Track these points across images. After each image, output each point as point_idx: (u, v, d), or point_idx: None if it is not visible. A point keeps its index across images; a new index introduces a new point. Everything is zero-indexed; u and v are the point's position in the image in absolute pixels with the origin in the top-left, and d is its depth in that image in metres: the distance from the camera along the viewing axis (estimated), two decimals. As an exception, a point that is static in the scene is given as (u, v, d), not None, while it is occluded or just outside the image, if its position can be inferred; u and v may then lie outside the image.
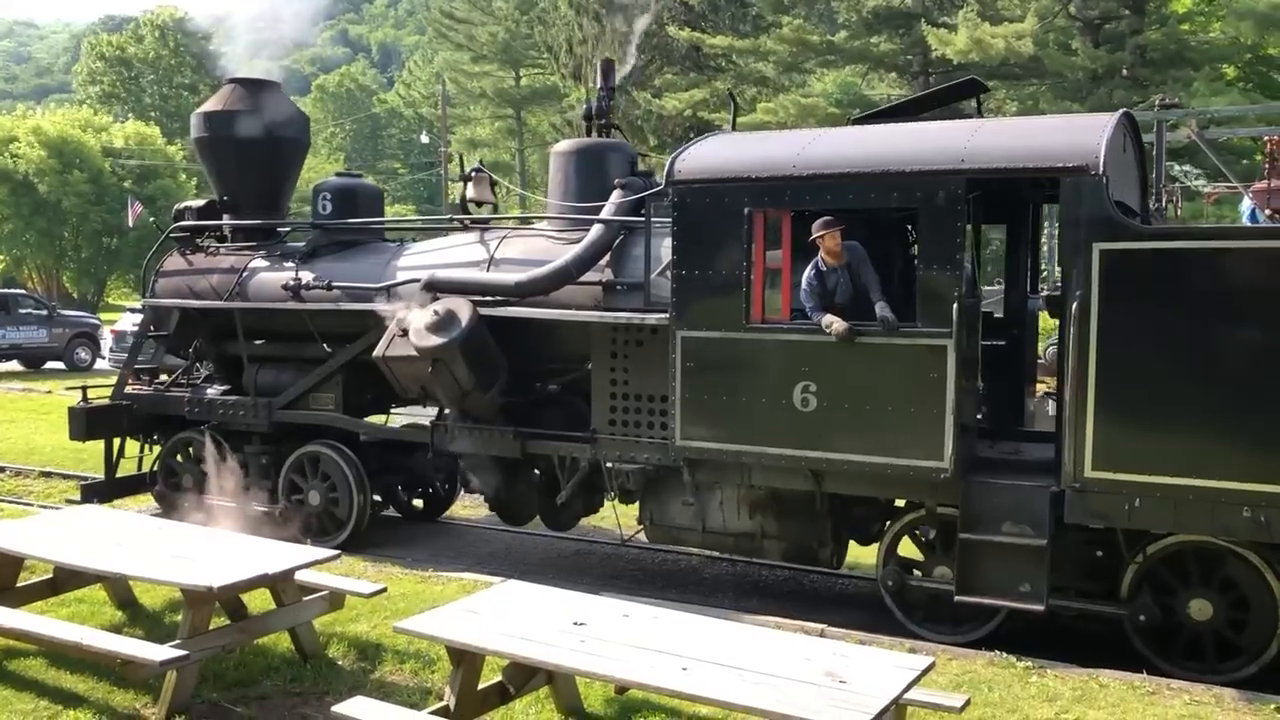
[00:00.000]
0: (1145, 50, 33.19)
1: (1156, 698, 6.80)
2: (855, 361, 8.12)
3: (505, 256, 10.11)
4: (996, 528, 7.79)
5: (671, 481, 9.33)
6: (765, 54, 39.40)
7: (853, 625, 8.42)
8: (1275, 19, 30.94)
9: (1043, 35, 34.02)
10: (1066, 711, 6.47)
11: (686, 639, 5.48)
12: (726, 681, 4.90)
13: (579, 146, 10.20)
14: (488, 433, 9.94)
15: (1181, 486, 7.25)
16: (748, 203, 8.40)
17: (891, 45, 39.37)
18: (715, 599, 9.55)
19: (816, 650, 5.45)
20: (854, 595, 9.96)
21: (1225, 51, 34.31)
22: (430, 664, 7.18)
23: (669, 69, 44.84)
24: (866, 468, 8.16)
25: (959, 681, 6.93)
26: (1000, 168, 7.83)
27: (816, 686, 4.80)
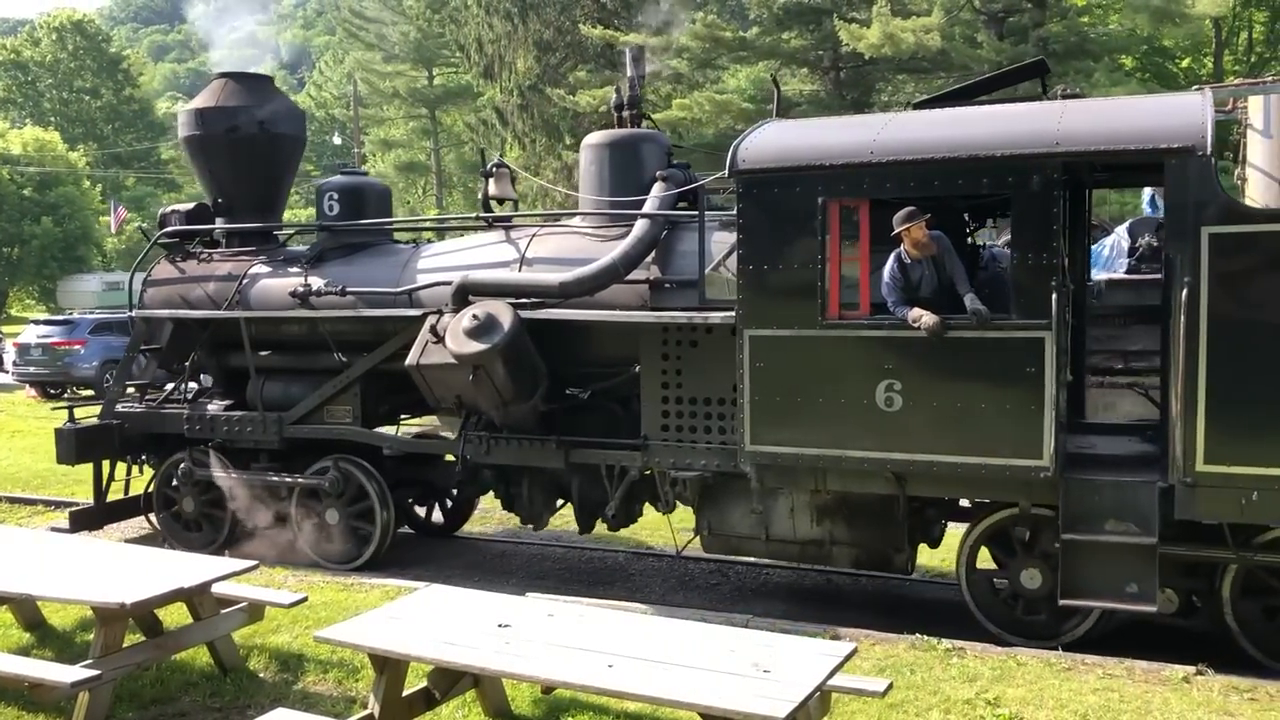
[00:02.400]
0: (1048, 42, 33.16)
1: (1072, 673, 6.78)
2: (945, 357, 7.48)
3: (538, 256, 9.28)
4: (1100, 526, 7.24)
5: (731, 489, 8.64)
6: (679, 50, 38.78)
7: (776, 615, 8.20)
8: (1169, 12, 31.20)
9: (949, 29, 33.94)
10: (986, 691, 6.42)
11: (612, 636, 5.38)
12: (652, 677, 4.83)
13: (613, 138, 9.39)
14: (527, 443, 9.11)
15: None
16: (821, 192, 7.71)
17: (803, 41, 38.99)
18: (642, 595, 9.19)
19: (741, 641, 5.38)
20: (778, 586, 9.77)
21: (1123, 43, 34.52)
22: (354, 672, 6.90)
23: (583, 66, 43.99)
24: (958, 469, 7.53)
25: (882, 666, 6.83)
26: (1099, 150, 7.25)
27: (742, 677, 4.76)
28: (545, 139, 43.08)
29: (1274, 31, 33.31)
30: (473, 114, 53.94)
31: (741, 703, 4.52)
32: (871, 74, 38.22)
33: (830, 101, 37.02)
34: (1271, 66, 32.72)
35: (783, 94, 41.47)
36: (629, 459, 8.83)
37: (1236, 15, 33.32)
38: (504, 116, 45.01)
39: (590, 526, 9.56)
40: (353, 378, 9.83)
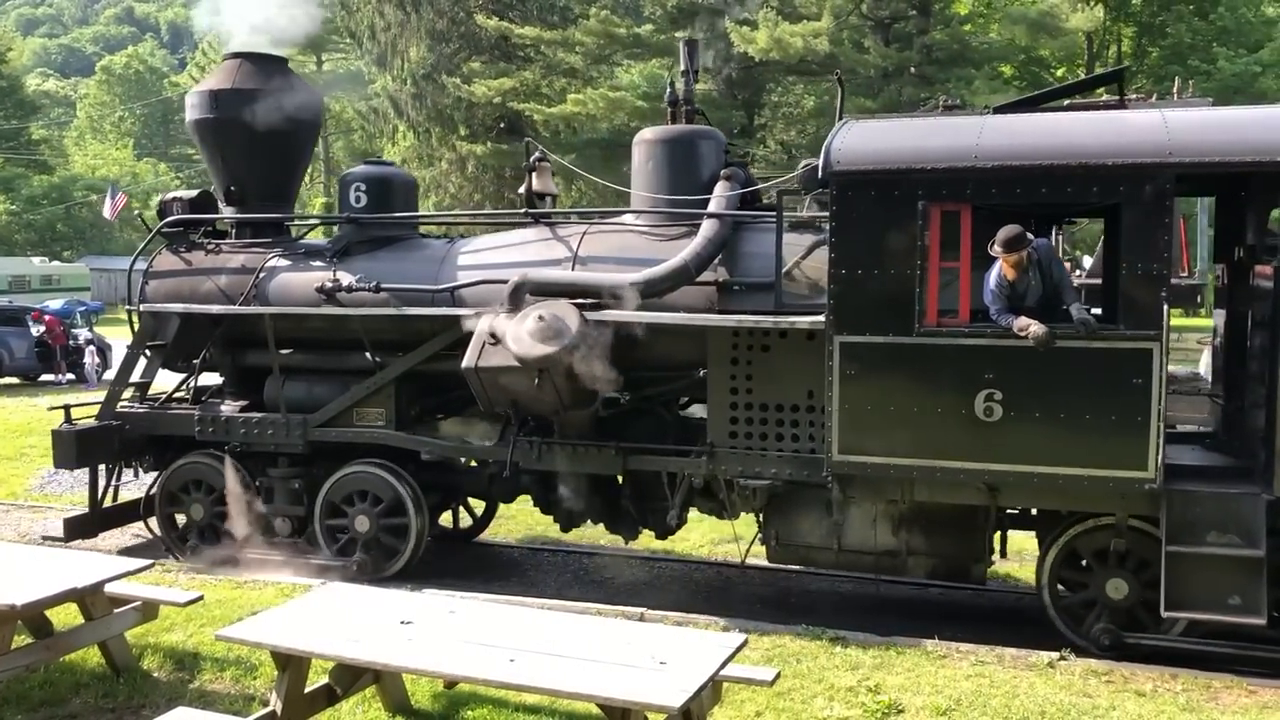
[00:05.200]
0: (932, 49, 33.55)
1: (947, 660, 6.86)
2: (1049, 367, 6.97)
3: (592, 254, 8.46)
4: (1203, 539, 6.85)
5: (801, 498, 8.01)
6: (573, 45, 37.92)
7: (669, 607, 8.09)
8: (1044, 24, 31.91)
9: (838, 34, 33.94)
10: (868, 678, 6.45)
11: (514, 631, 5.31)
12: (554, 670, 4.79)
13: (670, 134, 8.59)
14: (583, 449, 8.31)
15: None
16: (923, 195, 7.11)
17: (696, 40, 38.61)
18: (537, 589, 8.91)
19: (638, 634, 5.39)
20: (671, 579, 9.57)
21: (1002, 52, 35.12)
22: (252, 670, 6.61)
23: (477, 57, 42.65)
24: (1059, 480, 7.04)
25: (770, 656, 6.79)
26: (1214, 161, 6.82)
27: (639, 669, 4.74)
28: (439, 129, 41.67)
29: (1140, 45, 34.16)
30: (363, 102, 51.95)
31: (639, 693, 4.53)
32: (762, 75, 38.05)
33: (722, 101, 36.76)
34: (1138, 78, 33.58)
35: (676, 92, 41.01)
36: (693, 466, 8.11)
37: (1107, 29, 34.08)
38: (397, 105, 43.39)
39: (636, 533, 8.82)
40: (388, 379, 8.84)
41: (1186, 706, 6.18)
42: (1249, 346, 7.45)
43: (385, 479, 8.84)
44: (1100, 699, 6.25)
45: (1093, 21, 32.20)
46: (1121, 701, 6.19)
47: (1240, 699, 6.35)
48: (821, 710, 6.03)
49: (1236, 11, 32.63)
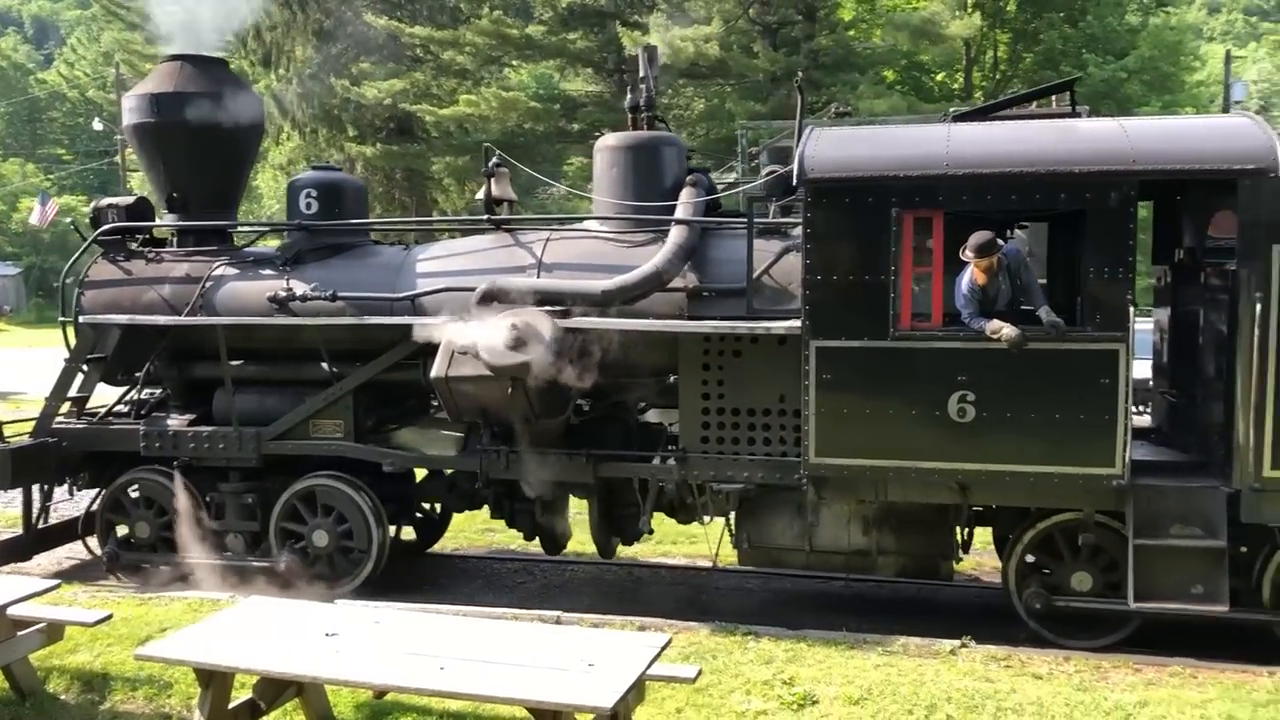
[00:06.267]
0: (818, 54, 34.02)
1: (856, 651, 7.02)
2: (1020, 368, 7.08)
3: (556, 261, 8.27)
4: (1167, 531, 7.04)
5: (772, 500, 7.98)
6: (464, 46, 37.38)
7: (583, 610, 8.08)
8: (926, 31, 32.64)
9: (727, 38, 34.21)
10: (782, 671, 6.54)
11: (440, 639, 5.27)
12: (484, 675, 4.75)
13: (634, 141, 8.45)
14: (554, 457, 8.12)
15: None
16: (895, 202, 7.15)
17: (587, 42, 38.44)
18: (450, 596, 8.62)
19: (564, 637, 5.42)
20: (582, 581, 9.54)
21: (886, 57, 35.77)
22: (166, 688, 6.40)
23: (366, 58, 41.73)
24: (1030, 478, 7.17)
25: (687, 653, 6.81)
26: (1175, 169, 7.02)
27: (568, 672, 4.75)
28: (327, 130, 40.63)
29: (1015, 51, 35.21)
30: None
31: (570, 695, 4.54)
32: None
33: (615, 104, 36.63)
34: (1014, 83, 34.64)
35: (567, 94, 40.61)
36: (665, 472, 8.01)
37: (984, 35, 35.00)
38: (283, 106, 42.14)
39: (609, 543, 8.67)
40: (347, 389, 8.51)
41: (1080, 686, 6.46)
42: (1199, 344, 7.69)
43: (345, 492, 8.50)
44: (1001, 683, 6.47)
45: (971, 28, 32.98)
46: (1021, 685, 6.43)
47: (1128, 677, 6.69)
48: (740, 704, 6.11)
49: (1104, 20, 33.88)
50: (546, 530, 8.67)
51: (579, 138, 36.85)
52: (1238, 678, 6.65)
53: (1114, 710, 6.05)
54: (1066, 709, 6.06)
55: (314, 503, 8.59)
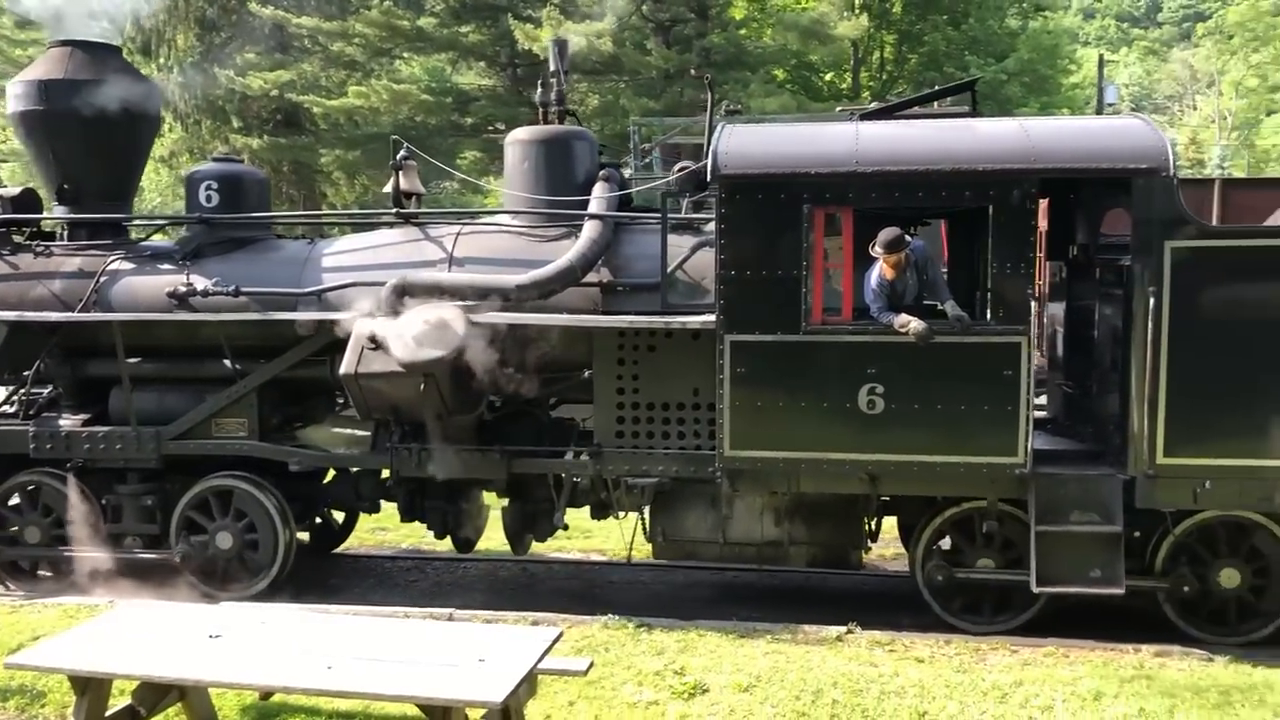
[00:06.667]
0: (710, 52, 34.29)
1: (746, 640, 7.14)
2: (927, 361, 7.24)
3: (467, 255, 8.17)
4: (1067, 518, 7.28)
5: (686, 493, 8.03)
6: (353, 37, 36.68)
7: (476, 607, 8.08)
8: (815, 31, 33.23)
9: (620, 35, 34.28)
10: (673, 662, 6.66)
11: (328, 638, 5.19)
12: (374, 674, 4.70)
13: (546, 135, 8.38)
14: (467, 454, 8.03)
15: (1249, 467, 7.09)
16: (807, 199, 7.24)
17: (480, 36, 38.08)
18: (341, 596, 8.51)
19: (455, 634, 5.40)
20: (475, 578, 9.49)
21: (776, 56, 36.28)
22: (39, 698, 6.22)
23: (251, 47, 40.63)
24: (936, 467, 7.34)
25: (580, 646, 6.90)
26: (1073, 167, 7.25)
27: (459, 668, 4.72)
28: (210, 121, 39.44)
29: (901, 53, 36.00)
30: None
31: (460, 691, 4.52)
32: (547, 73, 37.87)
33: (509, 98, 36.38)
34: (900, 83, 35.43)
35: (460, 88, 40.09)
36: (579, 468, 7.98)
37: (871, 37, 35.70)
38: (164, 96, 40.75)
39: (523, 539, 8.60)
40: (251, 387, 8.27)
41: (959, 669, 6.71)
42: (1095, 337, 7.97)
43: (250, 492, 8.27)
44: (885, 667, 6.68)
45: (858, 29, 33.60)
46: (903, 668, 6.65)
47: (1005, 658, 6.95)
48: (631, 695, 6.20)
49: (985, 23, 34.87)
50: (459, 528, 8.56)
51: (472, 132, 36.47)
52: (1106, 655, 6.98)
53: (991, 690, 6.30)
54: (946, 690, 6.30)
55: (217, 504, 8.33)
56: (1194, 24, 67.55)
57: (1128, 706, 6.07)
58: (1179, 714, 5.99)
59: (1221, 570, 7.45)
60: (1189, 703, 6.14)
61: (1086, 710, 6.04)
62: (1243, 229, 7.48)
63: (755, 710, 6.04)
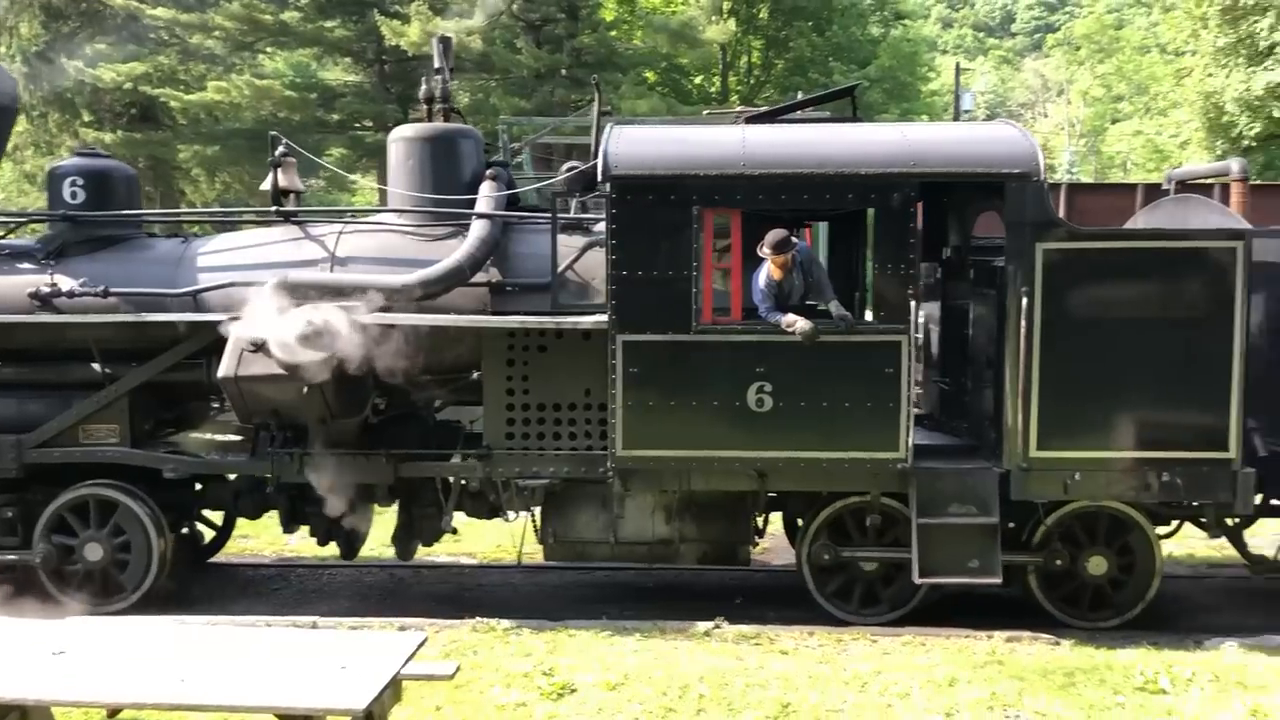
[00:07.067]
0: (581, 53, 34.36)
1: (615, 638, 7.22)
2: (813, 360, 7.41)
3: (351, 255, 8.00)
4: (946, 510, 7.53)
5: (577, 494, 8.03)
6: (212, 30, 35.55)
7: (341, 614, 7.90)
8: (684, 34, 33.63)
9: (491, 33, 34.07)
10: (542, 663, 6.69)
11: (183, 651, 5.03)
12: (231, 685, 4.55)
13: (432, 132, 8.24)
14: (350, 458, 7.86)
15: (1114, 459, 7.45)
16: (697, 200, 7.33)
17: (346, 31, 37.33)
18: (200, 608, 8.12)
19: (316, 641, 5.35)
20: (340, 585, 9.32)
21: (646, 58, 36.56)
22: None
23: (103, 38, 38.92)
24: (822, 463, 7.52)
25: (448, 651, 6.89)
26: (951, 172, 7.51)
27: (320, 676, 4.63)
28: (59, 114, 37.68)
29: (768, 58, 36.64)
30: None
31: (321, 699, 4.42)
32: (417, 69, 37.31)
33: (375, 94, 35.77)
34: (767, 88, 36.06)
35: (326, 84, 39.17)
36: (469, 470, 7.90)
37: (739, 41, 36.24)
38: (8, 85, 38.77)
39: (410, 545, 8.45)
40: (122, 391, 7.92)
41: (822, 660, 6.90)
42: (969, 336, 8.26)
43: (120, 501, 7.93)
44: (751, 660, 6.84)
45: (726, 34, 34.05)
46: (768, 661, 6.82)
47: (865, 648, 7.16)
48: (499, 698, 6.20)
49: (848, 30, 35.78)
50: (344, 534, 8.37)
51: (338, 128, 35.68)
52: (961, 643, 7.24)
53: (852, 680, 6.50)
54: (809, 681, 6.46)
55: (86, 514, 7.97)
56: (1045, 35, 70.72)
57: (980, 690, 6.30)
58: (1027, 696, 6.25)
59: (1091, 557, 7.79)
60: (1037, 684, 6.42)
61: (941, 695, 6.26)
62: (1108, 231, 7.83)
63: (623, 708, 6.10)
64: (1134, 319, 7.36)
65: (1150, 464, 7.40)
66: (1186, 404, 7.38)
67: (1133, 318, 7.36)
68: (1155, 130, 38.71)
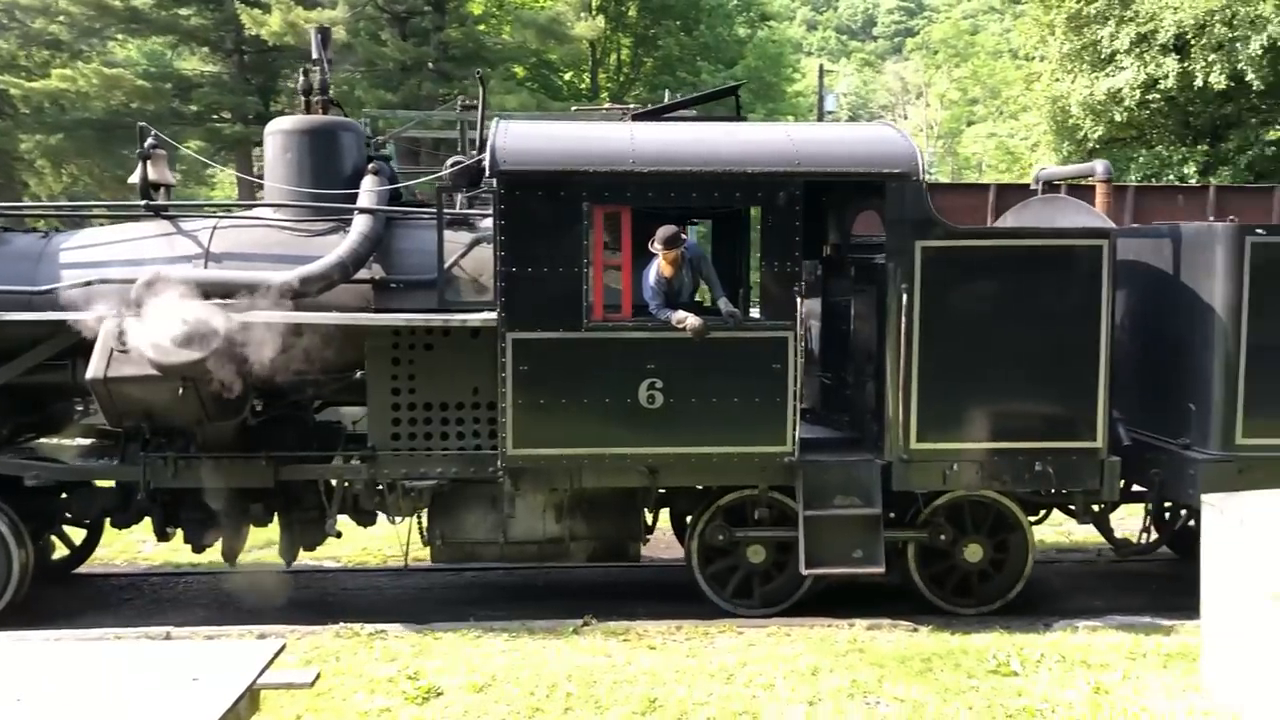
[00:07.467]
0: (448, 47, 34.01)
1: (482, 640, 7.17)
2: (702, 356, 7.47)
3: (226, 251, 7.72)
4: (831, 502, 7.69)
5: (465, 494, 7.93)
6: (56, 14, 33.94)
7: (197, 623, 7.75)
8: (552, 30, 33.61)
9: (355, 24, 33.42)
10: (407, 667, 6.62)
11: (20, 670, 4.65)
12: (68, 705, 4.23)
13: (312, 125, 8.01)
14: (229, 462, 7.59)
15: (988, 450, 7.71)
16: (586, 197, 7.31)
17: (202, 19, 36.10)
18: (45, 623, 7.63)
19: (167, 654, 5.05)
20: (198, 593, 9.00)
21: (515, 53, 36.34)
22: None
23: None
24: (712, 458, 7.59)
25: (309, 657, 6.76)
26: (834, 171, 7.66)
27: (170, 690, 4.38)
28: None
29: (637, 55, 36.82)
30: None
31: (168, 714, 4.16)
32: (278, 60, 36.33)
33: (235, 85, 34.72)
34: (636, 85, 36.23)
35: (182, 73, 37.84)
36: (354, 472, 7.72)
37: (608, 38, 36.35)
38: None
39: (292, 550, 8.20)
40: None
41: (689, 653, 6.96)
42: (850, 331, 8.44)
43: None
44: (619, 656, 6.85)
45: (595, 30, 34.09)
46: (636, 657, 6.84)
47: (732, 641, 7.23)
48: (363, 704, 6.10)
49: (715, 30, 36.21)
50: (226, 540, 8.07)
51: (195, 120, 34.50)
52: (824, 632, 7.38)
53: (718, 672, 6.57)
54: (676, 675, 6.50)
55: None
56: (905, 39, 72.90)
57: (842, 679, 6.43)
58: (887, 682, 6.41)
59: (968, 545, 8.05)
60: (896, 671, 6.59)
61: (805, 685, 6.37)
62: (983, 230, 8.15)
63: (489, 709, 6.03)
64: (1008, 314, 7.64)
65: (1024, 454, 7.68)
66: (1057, 396, 7.69)
67: (1007, 313, 7.64)
68: (1008, 133, 40.24)
